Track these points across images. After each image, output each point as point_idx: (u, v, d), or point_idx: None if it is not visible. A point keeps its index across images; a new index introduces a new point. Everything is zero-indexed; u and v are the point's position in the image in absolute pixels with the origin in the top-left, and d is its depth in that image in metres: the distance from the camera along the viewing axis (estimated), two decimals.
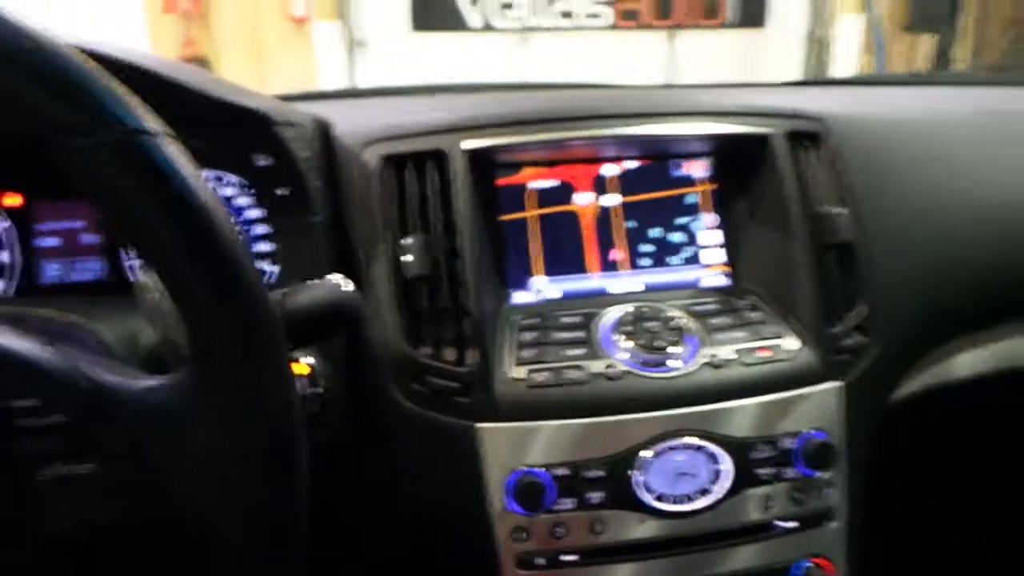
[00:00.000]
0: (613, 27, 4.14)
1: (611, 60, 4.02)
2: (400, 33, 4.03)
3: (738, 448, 0.60)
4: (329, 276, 0.48)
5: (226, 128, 0.55)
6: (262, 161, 0.58)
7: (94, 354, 0.43)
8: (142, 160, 0.33)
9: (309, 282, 0.47)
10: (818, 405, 0.63)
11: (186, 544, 0.36)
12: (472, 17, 4.08)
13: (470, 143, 0.63)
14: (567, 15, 4.11)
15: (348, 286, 0.48)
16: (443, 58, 4.00)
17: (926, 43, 4.03)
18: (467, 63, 4.04)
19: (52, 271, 0.70)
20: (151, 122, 0.35)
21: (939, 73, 3.00)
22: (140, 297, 0.44)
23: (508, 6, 4.07)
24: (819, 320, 0.64)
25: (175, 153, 0.35)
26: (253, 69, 3.78)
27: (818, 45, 4.05)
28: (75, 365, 0.35)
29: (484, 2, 4.05)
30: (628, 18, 4.14)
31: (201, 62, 3.63)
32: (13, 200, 0.70)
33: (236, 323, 0.35)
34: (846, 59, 4.03)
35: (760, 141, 0.68)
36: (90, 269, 0.71)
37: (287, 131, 0.59)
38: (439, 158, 0.64)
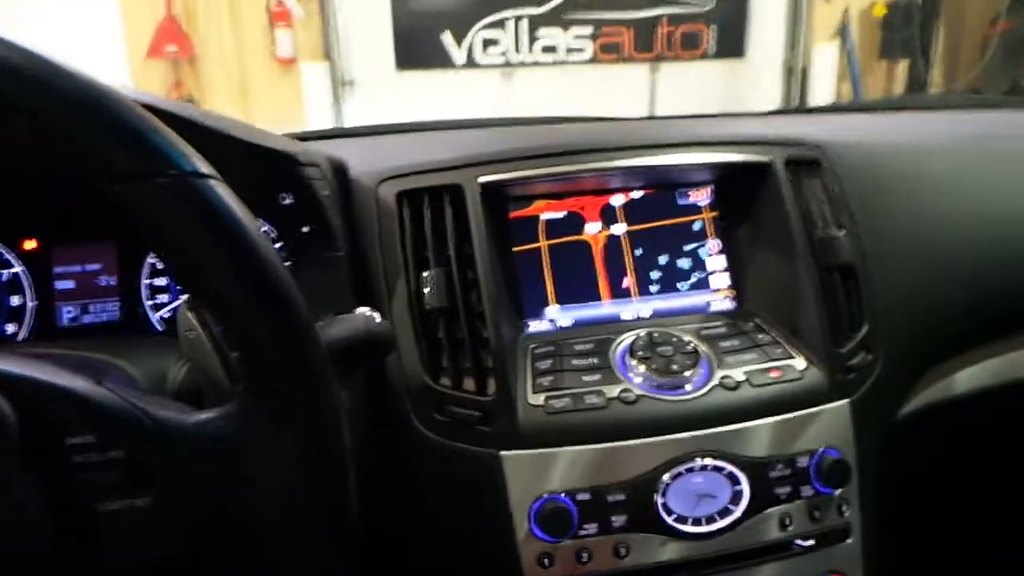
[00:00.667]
0: (594, 60, 4.23)
1: (594, 92, 4.10)
2: (385, 72, 4.09)
3: (755, 468, 0.61)
4: (360, 309, 0.49)
5: (253, 169, 0.57)
6: (287, 200, 0.60)
7: (137, 391, 0.44)
8: (197, 202, 0.35)
9: (341, 316, 0.48)
10: (829, 423, 0.64)
11: (245, 571, 0.37)
12: (456, 54, 4.14)
13: (486, 177, 0.66)
14: (550, 50, 4.19)
15: (378, 318, 0.49)
16: (428, 95, 4.05)
17: (899, 70, 4.16)
18: (451, 99, 4.10)
19: (68, 314, 0.71)
20: (203, 165, 0.36)
21: (924, 97, 3.10)
22: (181, 335, 0.46)
23: (491, 43, 4.15)
24: (825, 340, 0.66)
25: (227, 194, 0.36)
26: (240, 110, 3.81)
27: (796, 74, 4.16)
28: (130, 401, 0.36)
29: (467, 40, 4.12)
30: (609, 51, 4.23)
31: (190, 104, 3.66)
32: (30, 244, 0.71)
33: (289, 355, 0.36)
34: (823, 87, 4.14)
35: (762, 168, 0.70)
36: (106, 311, 0.72)
37: (310, 171, 0.60)
38: (455, 193, 0.66)
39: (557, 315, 0.70)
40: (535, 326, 0.69)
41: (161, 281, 0.73)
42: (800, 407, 0.63)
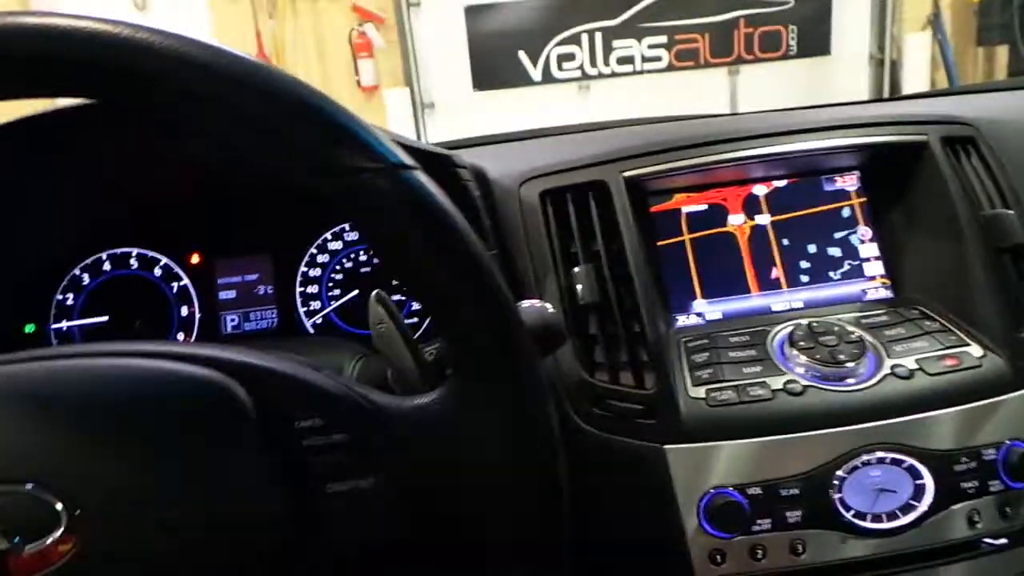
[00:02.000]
0: (671, 68, 4.18)
1: (672, 100, 4.05)
2: (462, 93, 4.17)
3: (938, 461, 0.58)
4: (526, 301, 0.50)
5: None
6: None
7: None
8: (408, 193, 0.36)
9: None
10: (1015, 413, 0.60)
11: (458, 553, 0.37)
12: (532, 72, 4.19)
13: (630, 172, 0.65)
14: (625, 61, 4.17)
15: (551, 308, 0.49)
16: (506, 112, 4.11)
17: (998, 56, 3.94)
18: (529, 115, 4.14)
19: (231, 321, 0.74)
20: (407, 157, 0.37)
21: None
22: (372, 328, 0.47)
23: (567, 58, 4.17)
24: (1003, 326, 0.62)
25: (432, 184, 0.37)
26: None
27: (887, 66, 3.99)
28: (350, 387, 0.38)
29: (542, 57, 4.16)
30: (685, 58, 4.18)
31: None
32: (195, 259, 0.75)
33: (500, 338, 0.36)
34: (916, 79, 3.96)
35: (915, 148, 0.67)
36: (264, 318, 0.75)
37: (464, 172, 0.62)
38: (599, 189, 0.66)
39: (705, 308, 0.68)
40: (683, 320, 0.68)
41: (313, 289, 0.76)
42: (981, 396, 0.59)
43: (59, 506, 0.33)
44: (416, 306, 0.75)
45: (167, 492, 0.34)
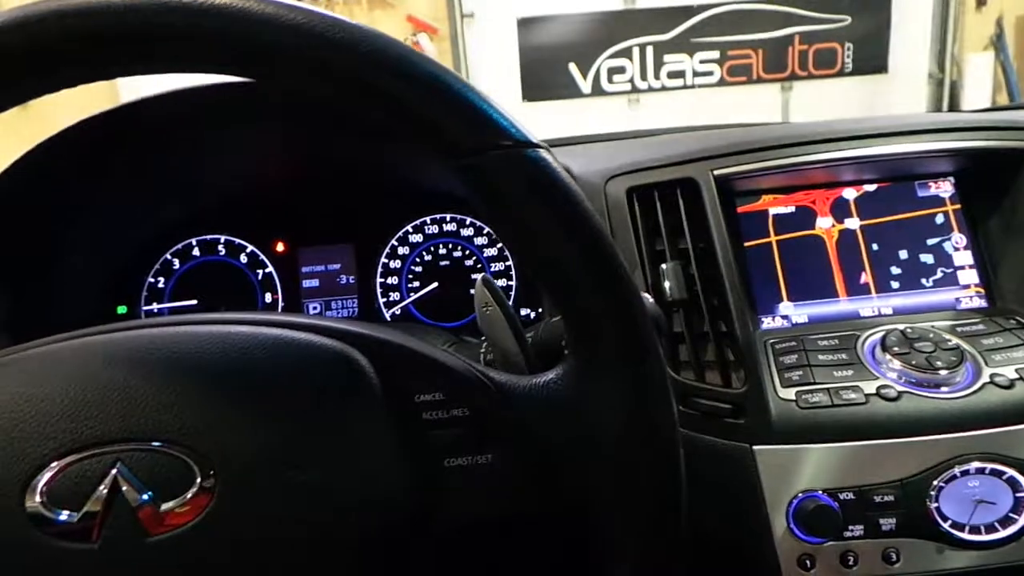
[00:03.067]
0: (722, 83, 4.15)
1: (722, 115, 4.02)
2: (512, 103, 4.20)
3: None
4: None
5: None
6: None
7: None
8: (534, 170, 0.36)
9: None
10: None
11: (575, 528, 0.37)
12: (582, 84, 4.20)
13: (720, 170, 0.65)
14: (676, 75, 4.16)
15: (651, 299, 0.49)
16: (555, 123, 4.13)
17: None
18: (578, 127, 4.15)
19: (314, 309, 0.76)
20: (533, 136, 0.38)
21: None
22: (477, 311, 0.47)
23: (617, 71, 4.18)
24: None
25: (557, 163, 0.37)
26: None
27: (947, 87, 3.90)
28: (470, 364, 0.38)
29: (593, 69, 4.17)
30: (737, 74, 4.15)
31: None
32: (280, 247, 0.77)
33: (627, 322, 0.36)
34: (976, 99, 3.86)
35: (1015, 155, 0.65)
36: (346, 307, 0.76)
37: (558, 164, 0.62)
38: (688, 186, 0.65)
39: (791, 311, 0.67)
40: (768, 322, 0.67)
41: (393, 280, 0.77)
42: None
43: (195, 466, 0.34)
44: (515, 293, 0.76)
45: (297, 456, 0.35)
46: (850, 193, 0.70)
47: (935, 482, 0.55)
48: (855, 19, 4.02)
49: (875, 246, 0.69)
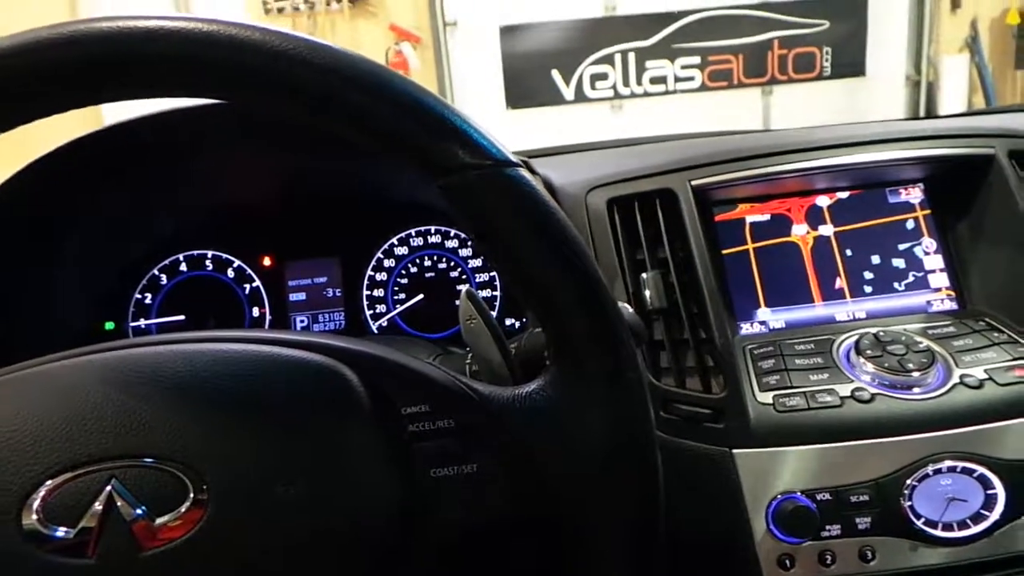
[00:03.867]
0: (704, 88, 4.20)
1: (704, 120, 4.06)
2: (496, 111, 4.22)
3: (1010, 471, 0.57)
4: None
5: None
6: None
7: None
8: (512, 189, 0.38)
9: None
10: None
11: (557, 535, 0.38)
12: (565, 91, 4.23)
13: (698, 180, 0.67)
14: (658, 81, 4.20)
15: (630, 309, 0.50)
16: (539, 129, 4.15)
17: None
18: (562, 133, 4.18)
19: (301, 323, 0.77)
20: (511, 155, 0.39)
21: None
22: (462, 324, 0.49)
23: (600, 77, 4.21)
24: None
25: (536, 182, 0.39)
26: None
27: (923, 88, 3.97)
28: (454, 376, 0.39)
29: (575, 76, 4.20)
30: (719, 78, 4.19)
31: None
32: (267, 261, 0.77)
33: (601, 329, 0.38)
34: (953, 101, 3.93)
35: (983, 161, 0.68)
36: (332, 320, 0.77)
37: (537, 179, 0.63)
38: (666, 197, 0.67)
39: (769, 317, 0.69)
40: (747, 328, 0.69)
41: (379, 292, 0.78)
42: None
43: (187, 481, 0.35)
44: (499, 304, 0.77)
45: (287, 470, 0.36)
46: (824, 200, 0.72)
47: (908, 481, 0.57)
48: (833, 23, 4.08)
49: (849, 252, 0.71)
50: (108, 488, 0.34)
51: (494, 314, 0.78)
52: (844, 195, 0.72)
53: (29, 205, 0.62)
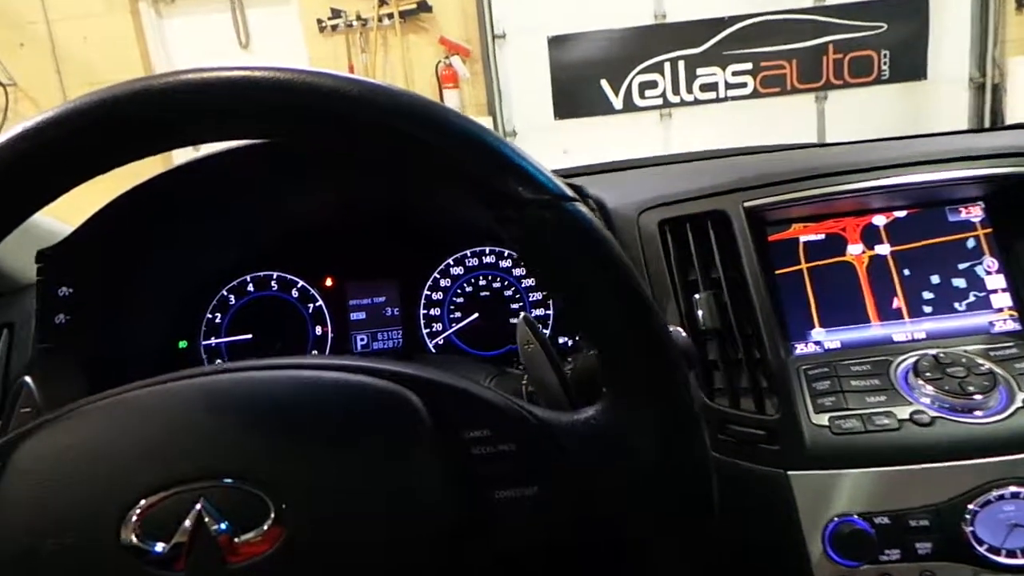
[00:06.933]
0: (756, 95, 4.13)
1: (756, 127, 4.00)
2: (544, 121, 4.25)
3: None
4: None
5: None
6: None
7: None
8: (572, 223, 0.39)
9: None
10: None
11: (615, 559, 0.40)
12: (613, 100, 4.22)
13: (750, 202, 0.67)
14: (708, 88, 4.16)
15: (683, 333, 0.51)
16: (588, 139, 4.16)
17: None
18: (611, 143, 4.18)
19: (360, 341, 0.80)
20: (569, 190, 0.41)
21: None
22: (520, 348, 0.50)
23: (649, 85, 4.19)
24: None
25: (592, 216, 0.40)
26: None
27: (988, 91, 3.83)
28: (514, 400, 0.41)
29: (624, 85, 4.19)
30: (771, 84, 4.13)
31: None
32: (329, 282, 0.81)
33: (656, 357, 0.39)
34: (1020, 104, 3.78)
35: None
36: (391, 338, 0.80)
37: (590, 202, 0.65)
38: (719, 218, 0.68)
39: (823, 337, 0.69)
40: (801, 348, 0.69)
41: (435, 311, 0.80)
42: None
43: (269, 501, 0.37)
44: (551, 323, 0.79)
45: (359, 490, 0.38)
46: (880, 220, 0.71)
47: (970, 506, 0.56)
48: (891, 25, 3.97)
49: (906, 271, 0.70)
50: (198, 507, 0.37)
51: (547, 332, 0.80)
52: (901, 214, 0.71)
53: (118, 234, 0.66)
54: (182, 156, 0.64)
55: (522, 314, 0.50)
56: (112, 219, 0.65)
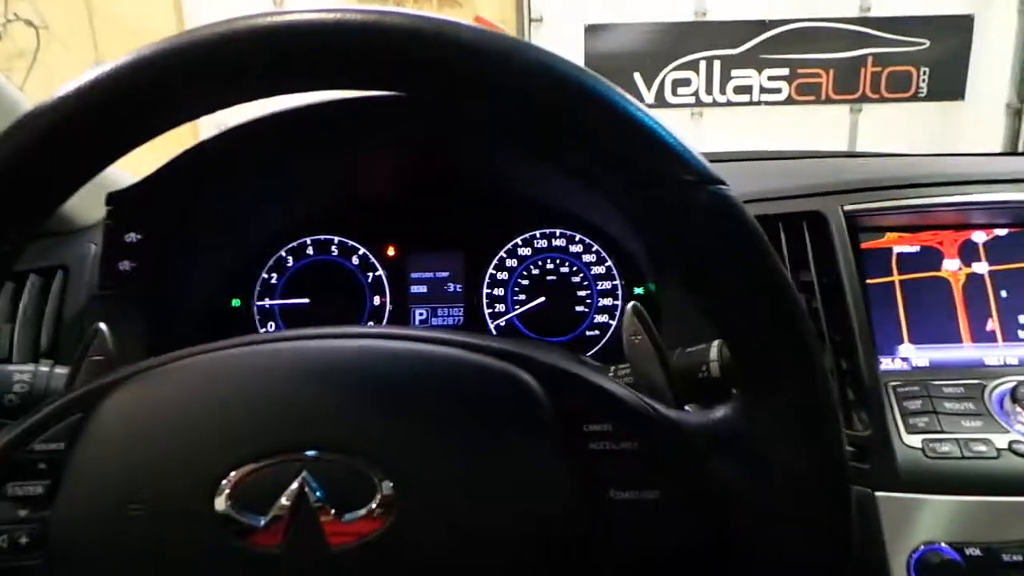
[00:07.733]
0: (790, 101, 4.08)
1: (786, 133, 3.95)
2: None
3: None
4: None
5: None
6: None
7: None
8: (722, 208, 0.36)
9: None
10: None
11: (745, 562, 0.37)
12: (645, 94, 4.17)
13: (850, 206, 0.64)
14: (742, 91, 4.10)
15: None
16: None
17: None
18: None
19: (420, 315, 0.77)
20: (715, 171, 0.37)
21: None
22: (626, 339, 0.47)
23: (682, 83, 4.14)
24: None
25: (738, 200, 0.37)
26: None
27: None
28: (640, 396, 0.38)
29: (657, 80, 4.14)
30: (806, 92, 4.07)
31: None
32: (391, 251, 0.78)
33: (804, 359, 0.36)
34: None
35: None
36: (451, 315, 0.77)
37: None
38: (814, 220, 0.64)
39: (912, 354, 0.66)
40: (887, 363, 0.66)
41: (499, 291, 0.77)
42: None
43: (376, 480, 0.34)
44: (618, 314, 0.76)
45: (472, 475, 0.35)
46: (980, 236, 0.68)
47: None
48: (934, 42, 3.91)
49: (1004, 293, 0.67)
50: (299, 480, 0.34)
51: (613, 324, 0.77)
52: (1002, 232, 0.68)
53: (183, 188, 0.63)
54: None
55: (632, 303, 0.47)
56: (183, 169, 0.62)
